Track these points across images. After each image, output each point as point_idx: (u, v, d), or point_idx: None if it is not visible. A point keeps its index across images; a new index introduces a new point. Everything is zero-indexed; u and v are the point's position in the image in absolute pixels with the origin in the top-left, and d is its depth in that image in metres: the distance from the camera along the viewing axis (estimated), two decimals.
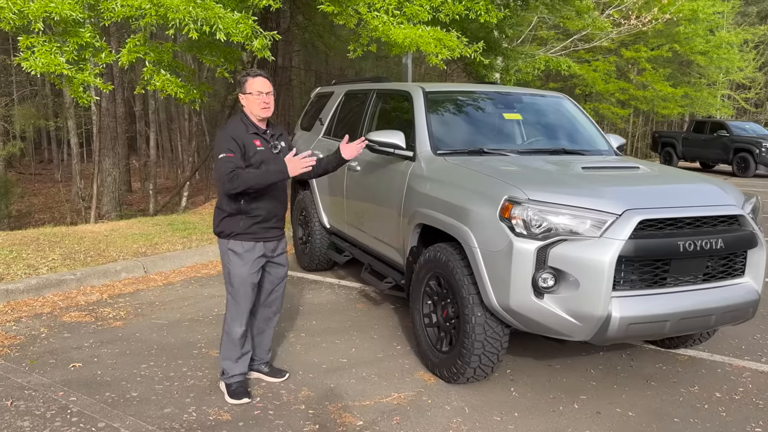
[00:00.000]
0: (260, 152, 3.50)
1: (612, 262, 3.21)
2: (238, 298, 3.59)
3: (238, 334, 3.63)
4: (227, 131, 3.47)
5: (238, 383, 3.68)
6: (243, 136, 3.45)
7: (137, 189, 22.66)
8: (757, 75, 29.23)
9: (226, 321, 3.66)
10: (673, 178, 4.10)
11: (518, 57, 10.30)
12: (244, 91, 3.50)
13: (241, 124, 3.51)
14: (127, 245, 6.99)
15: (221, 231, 3.56)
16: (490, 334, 3.62)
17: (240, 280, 3.56)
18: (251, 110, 3.52)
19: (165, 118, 26.95)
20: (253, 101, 3.49)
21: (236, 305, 3.61)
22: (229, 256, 3.56)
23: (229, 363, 3.67)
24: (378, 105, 5.45)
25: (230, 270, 3.57)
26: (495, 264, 3.43)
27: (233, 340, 3.64)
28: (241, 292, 3.58)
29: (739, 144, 19.73)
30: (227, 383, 3.68)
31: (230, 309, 3.64)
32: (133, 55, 6.92)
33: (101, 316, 4.99)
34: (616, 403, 3.75)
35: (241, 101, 3.54)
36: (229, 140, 3.40)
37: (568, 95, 5.59)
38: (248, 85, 3.49)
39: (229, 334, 3.64)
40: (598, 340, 3.38)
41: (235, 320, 3.62)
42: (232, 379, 3.67)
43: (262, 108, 3.49)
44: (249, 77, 3.51)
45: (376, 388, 3.86)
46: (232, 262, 3.56)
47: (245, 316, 3.64)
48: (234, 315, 3.62)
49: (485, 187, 3.67)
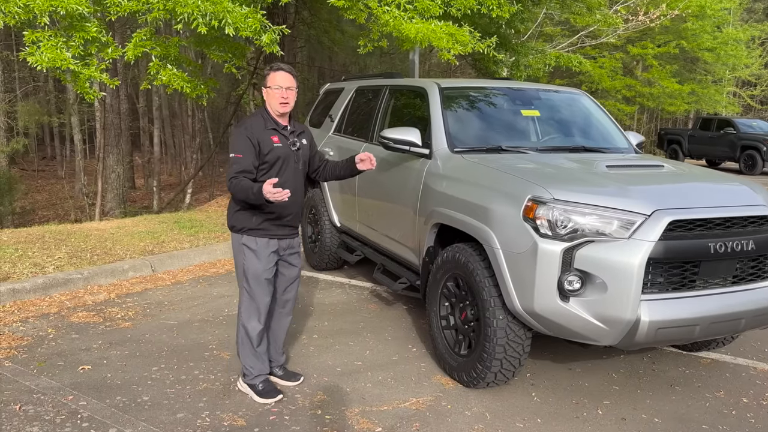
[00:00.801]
0: (276, 149, 3.43)
1: (642, 265, 3.10)
2: (254, 294, 3.52)
3: (256, 330, 3.55)
4: (243, 128, 3.40)
5: (264, 381, 3.61)
6: (260, 132, 3.39)
7: (140, 186, 22.56)
8: (763, 72, 29.08)
9: (242, 319, 3.57)
10: (701, 177, 3.98)
11: (528, 53, 10.17)
12: (265, 85, 3.46)
13: (260, 119, 3.46)
14: (134, 243, 6.89)
15: (233, 225, 3.51)
16: (512, 337, 3.51)
17: (255, 276, 3.49)
18: (270, 104, 3.47)
19: (168, 114, 26.84)
20: (272, 95, 3.44)
21: (252, 301, 3.54)
22: (243, 251, 3.50)
23: (250, 362, 3.60)
24: (391, 101, 5.33)
25: (245, 265, 3.50)
26: (518, 266, 3.32)
27: (252, 338, 3.56)
28: (257, 287, 3.51)
29: (747, 141, 19.57)
30: (251, 384, 3.60)
31: (246, 306, 3.56)
32: (140, 49, 6.82)
33: (109, 317, 4.89)
34: (641, 408, 3.64)
35: (264, 96, 3.49)
36: (242, 139, 3.35)
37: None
38: (270, 78, 3.44)
39: (248, 332, 3.56)
40: (626, 344, 3.26)
41: (252, 316, 3.55)
42: (256, 380, 3.60)
43: (280, 102, 3.42)
44: (271, 71, 3.46)
45: (393, 392, 3.75)
46: (246, 258, 3.49)
47: (263, 313, 3.57)
48: (251, 311, 3.55)
49: (508, 186, 3.55)
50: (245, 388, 3.64)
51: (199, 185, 20.09)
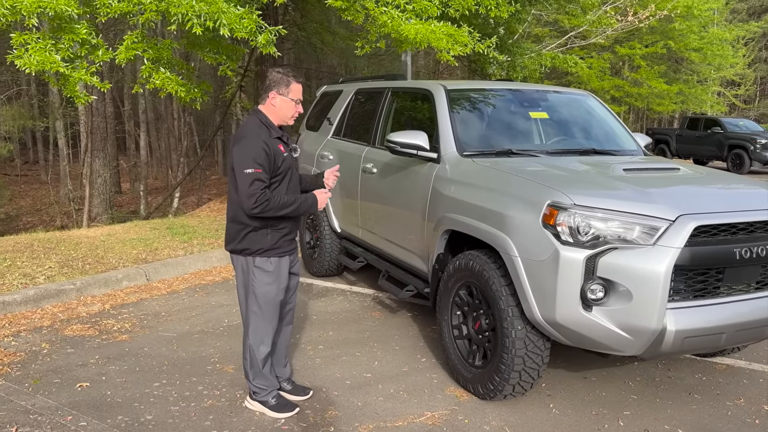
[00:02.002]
0: (286, 159, 3.27)
1: (668, 272, 3.00)
2: (267, 317, 3.35)
3: (264, 354, 3.40)
4: (257, 139, 3.13)
5: (276, 396, 3.48)
6: (270, 142, 3.17)
7: (126, 190, 22.21)
8: (747, 71, 29.35)
9: (250, 342, 3.40)
10: (720, 180, 3.88)
11: (524, 53, 10.09)
12: (284, 94, 3.23)
13: (264, 128, 3.22)
14: (126, 251, 6.70)
15: (246, 248, 3.27)
16: (531, 348, 3.39)
17: (267, 300, 3.32)
18: (279, 114, 3.27)
19: (153, 117, 26.48)
20: (288, 106, 3.26)
21: (262, 325, 3.37)
22: (254, 274, 3.29)
23: (260, 383, 3.45)
24: (393, 104, 5.20)
25: (255, 290, 3.31)
26: (539, 274, 3.20)
27: (260, 361, 3.40)
28: (270, 310, 3.35)
29: (734, 140, 19.70)
30: (262, 401, 3.46)
31: (256, 330, 3.38)
32: (131, 52, 6.62)
33: (105, 329, 4.70)
34: (662, 419, 3.54)
35: (270, 100, 3.25)
36: (260, 152, 3.10)
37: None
38: (293, 88, 3.24)
39: (258, 355, 3.39)
40: (650, 354, 3.16)
41: (263, 341, 3.39)
42: (268, 396, 3.46)
43: (292, 116, 3.30)
44: (293, 81, 3.25)
45: (406, 406, 3.62)
46: (258, 281, 3.30)
47: (272, 335, 3.41)
48: (261, 336, 3.38)
49: (524, 191, 3.43)
50: (256, 406, 3.48)
51: (186, 189, 19.82)
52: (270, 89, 3.24)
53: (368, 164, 5.13)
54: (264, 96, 3.28)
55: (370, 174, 5.05)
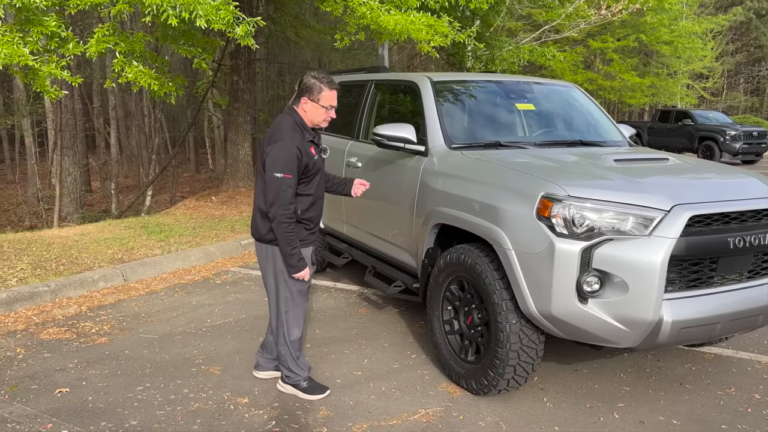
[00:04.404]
0: (317, 161, 3.37)
1: (664, 263, 2.97)
2: (299, 303, 3.50)
3: (297, 336, 3.55)
4: (291, 143, 3.20)
5: (307, 380, 3.60)
6: (303, 145, 3.24)
7: (97, 189, 21.72)
8: (715, 65, 29.87)
9: (284, 328, 3.50)
10: (710, 170, 3.88)
11: (503, 46, 10.05)
12: (316, 100, 3.29)
13: (299, 130, 3.29)
14: (101, 251, 6.50)
15: (275, 238, 3.34)
16: (526, 342, 3.35)
17: (299, 286, 3.46)
18: (312, 118, 3.34)
19: (122, 114, 25.92)
20: (318, 113, 3.33)
21: (294, 310, 3.50)
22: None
23: (294, 368, 3.57)
24: (377, 97, 5.11)
25: (287, 276, 3.41)
26: (534, 267, 3.15)
27: (294, 344, 3.53)
28: (301, 297, 3.49)
29: (704, 132, 20.02)
30: (294, 384, 3.59)
31: (291, 316, 3.50)
32: (103, 45, 6.42)
33: (83, 332, 4.54)
34: (656, 410, 3.52)
35: (302, 105, 3.32)
36: (293, 158, 3.19)
37: None
38: (324, 95, 3.30)
39: (293, 340, 3.53)
40: (646, 346, 3.13)
41: (298, 323, 3.53)
42: (300, 380, 3.58)
43: (324, 120, 3.35)
44: (327, 88, 3.30)
45: (399, 404, 3.55)
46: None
47: (303, 319, 3.59)
48: (296, 319, 3.52)
49: (517, 183, 3.38)
50: (288, 389, 3.61)
51: (158, 187, 19.42)
52: (303, 94, 3.32)
53: (352, 158, 5.04)
54: (297, 99, 3.36)
55: (355, 168, 4.96)
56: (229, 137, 10.65)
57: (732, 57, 37.16)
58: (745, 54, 39.26)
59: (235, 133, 10.39)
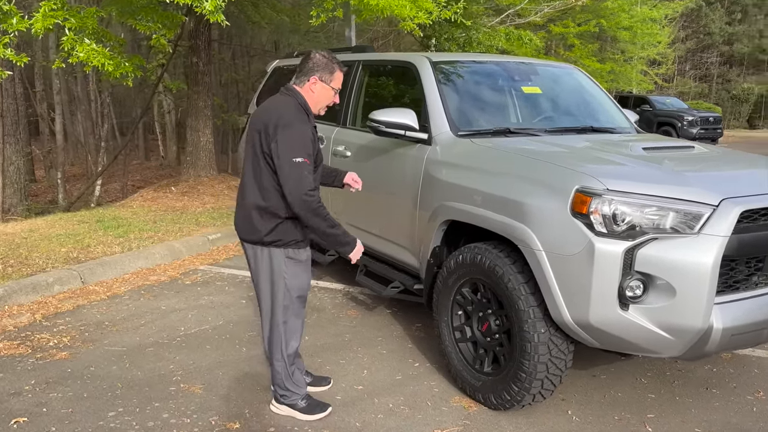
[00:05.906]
0: (320, 151, 3.09)
1: (716, 264, 2.66)
2: (297, 310, 3.12)
3: (294, 348, 3.15)
4: (301, 125, 2.83)
5: (307, 398, 3.22)
6: (310, 129, 2.90)
7: (41, 178, 20.51)
8: (668, 51, 30.33)
9: (284, 340, 3.10)
10: (740, 159, 3.59)
11: (480, 29, 9.70)
12: (326, 81, 2.94)
13: (303, 113, 2.90)
14: (54, 249, 5.89)
15: (278, 239, 2.94)
16: (555, 353, 3.01)
17: (301, 291, 3.08)
18: (316, 101, 2.98)
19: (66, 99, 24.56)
20: (327, 95, 3.00)
21: (296, 319, 3.13)
22: (286, 266, 3.00)
23: (290, 385, 3.16)
24: (365, 80, 4.66)
25: (288, 282, 3.02)
26: (569, 270, 2.80)
27: (289, 358, 3.11)
28: (300, 303, 3.12)
29: (663, 118, 20.32)
30: (290, 404, 3.18)
31: (291, 324, 3.11)
32: (50, 21, 5.76)
33: (39, 346, 3.99)
34: (689, 420, 3.25)
35: (310, 84, 2.94)
36: (307, 140, 2.85)
37: None
38: (336, 77, 2.97)
39: (288, 350, 3.11)
40: (692, 355, 2.83)
41: (294, 336, 3.14)
42: (297, 399, 3.18)
43: (327, 106, 3.06)
44: (338, 69, 2.98)
45: (411, 423, 3.16)
46: (291, 273, 3.01)
47: (301, 329, 3.21)
48: (295, 330, 3.14)
49: (544, 175, 3.01)
50: (284, 410, 3.19)
51: (107, 175, 18.38)
52: (312, 72, 2.93)
53: (339, 147, 4.60)
54: (303, 78, 2.95)
55: (343, 158, 4.52)
56: (189, 123, 9.97)
57: (683, 44, 37.88)
58: (695, 41, 40.13)
59: (196, 119, 9.74)
